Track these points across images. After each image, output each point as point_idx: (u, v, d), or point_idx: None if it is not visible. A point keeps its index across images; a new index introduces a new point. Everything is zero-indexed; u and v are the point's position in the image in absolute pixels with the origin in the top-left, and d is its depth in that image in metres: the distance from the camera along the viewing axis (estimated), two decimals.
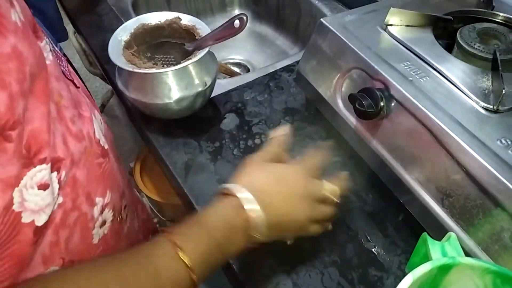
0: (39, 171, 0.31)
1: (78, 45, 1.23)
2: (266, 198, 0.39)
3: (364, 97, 0.46)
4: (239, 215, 0.38)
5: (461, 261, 0.32)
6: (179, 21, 0.60)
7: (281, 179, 0.42)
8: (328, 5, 0.86)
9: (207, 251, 0.36)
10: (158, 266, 0.34)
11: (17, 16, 0.29)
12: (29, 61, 0.29)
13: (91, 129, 0.40)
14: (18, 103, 0.28)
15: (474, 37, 0.50)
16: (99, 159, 0.40)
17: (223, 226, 0.38)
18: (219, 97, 0.66)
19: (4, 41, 0.27)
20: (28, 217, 0.30)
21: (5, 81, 0.27)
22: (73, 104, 0.38)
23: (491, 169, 0.37)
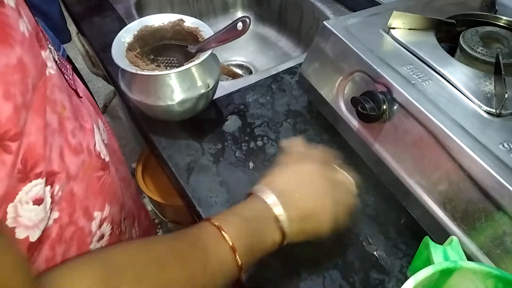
0: (35, 186, 0.30)
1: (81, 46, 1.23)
2: (289, 200, 0.40)
3: (366, 100, 0.46)
4: (270, 217, 0.39)
5: (463, 265, 0.32)
6: (182, 23, 0.60)
7: (298, 179, 0.42)
8: (331, 8, 0.86)
9: (248, 237, 0.37)
10: (207, 246, 0.34)
11: (25, 26, 0.29)
12: (32, 73, 0.29)
13: (91, 141, 0.39)
14: (21, 114, 0.28)
15: (477, 41, 0.50)
16: (98, 172, 0.40)
17: (257, 217, 0.38)
18: (222, 99, 0.67)
19: (11, 52, 0.27)
20: (22, 232, 0.30)
21: (11, 93, 0.26)
22: (75, 115, 0.37)
23: (494, 173, 0.37)
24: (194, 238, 0.35)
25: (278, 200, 0.39)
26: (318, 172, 0.42)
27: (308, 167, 0.43)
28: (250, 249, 0.37)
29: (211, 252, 0.34)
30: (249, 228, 0.37)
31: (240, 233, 0.36)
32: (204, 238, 0.35)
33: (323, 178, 0.42)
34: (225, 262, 0.35)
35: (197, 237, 0.35)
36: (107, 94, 1.84)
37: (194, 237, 0.35)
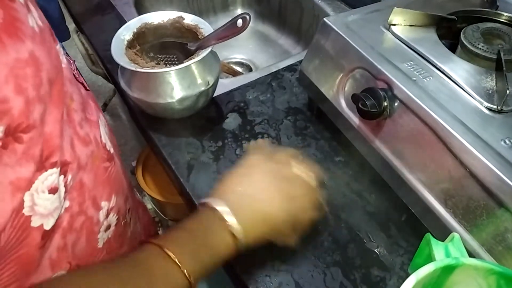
0: (50, 175, 0.31)
1: (80, 44, 1.23)
2: (239, 207, 0.39)
3: (367, 97, 0.46)
4: (222, 226, 0.38)
5: (465, 262, 0.32)
6: (182, 20, 0.60)
7: (248, 183, 0.41)
8: (331, 5, 0.86)
9: (194, 249, 0.36)
10: (152, 267, 0.34)
11: (34, 21, 0.30)
12: (46, 67, 0.29)
13: (97, 133, 0.40)
14: (34, 107, 0.28)
15: (478, 37, 0.49)
16: (105, 163, 0.40)
17: (205, 227, 0.38)
18: (222, 97, 0.66)
19: (21, 46, 0.27)
20: (37, 221, 0.30)
21: (22, 86, 0.27)
22: (82, 107, 0.38)
23: (495, 169, 0.37)
24: (137, 262, 0.34)
25: (228, 207, 0.38)
26: (270, 172, 0.42)
27: (260, 169, 0.43)
28: (199, 260, 0.36)
29: (156, 271, 0.34)
30: (194, 240, 0.37)
31: (185, 247, 0.36)
32: (147, 259, 0.34)
33: (275, 176, 0.42)
34: (172, 279, 0.34)
35: (139, 259, 0.35)
36: (107, 92, 1.84)
37: (137, 260, 0.34)
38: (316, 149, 0.59)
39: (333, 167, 0.56)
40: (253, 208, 0.40)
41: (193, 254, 0.36)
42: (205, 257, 0.37)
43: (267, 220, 0.40)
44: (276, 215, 0.40)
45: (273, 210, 0.40)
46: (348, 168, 0.56)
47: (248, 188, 0.41)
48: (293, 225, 0.41)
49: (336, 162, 0.57)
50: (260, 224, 0.40)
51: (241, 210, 0.39)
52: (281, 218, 0.41)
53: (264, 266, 0.46)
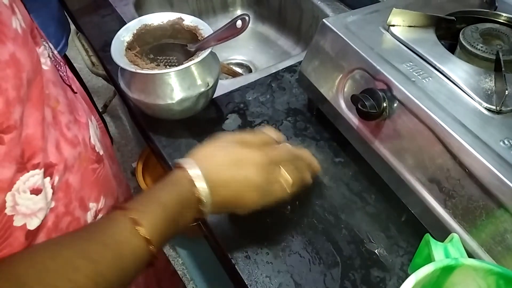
0: (32, 176, 0.31)
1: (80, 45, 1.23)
2: (216, 178, 0.39)
3: (366, 98, 0.46)
4: (190, 190, 0.38)
5: (464, 262, 0.32)
6: (182, 21, 0.60)
7: (237, 163, 0.41)
8: (330, 6, 0.86)
9: (163, 224, 0.36)
10: (119, 242, 0.33)
11: (18, 23, 0.30)
12: (27, 68, 0.30)
13: (86, 134, 0.40)
14: (14, 108, 0.28)
15: (477, 38, 0.50)
16: (93, 164, 0.41)
17: (176, 200, 0.38)
18: (221, 98, 0.66)
19: (3, 48, 0.27)
20: (19, 220, 0.30)
21: (2, 87, 0.27)
22: (70, 109, 0.38)
23: (494, 170, 0.37)
24: (105, 235, 0.33)
25: (202, 173, 0.38)
26: (256, 160, 0.42)
27: (250, 152, 0.42)
28: (165, 234, 0.36)
29: (122, 246, 0.33)
30: (167, 216, 0.36)
31: (157, 225, 0.35)
32: (115, 233, 0.34)
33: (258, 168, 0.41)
34: (138, 254, 0.34)
35: (109, 232, 0.34)
36: (107, 93, 1.85)
37: (106, 233, 0.34)
38: (315, 150, 0.59)
39: (332, 167, 0.56)
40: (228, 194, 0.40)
41: (163, 229, 0.36)
42: (172, 231, 0.37)
43: (236, 202, 0.41)
44: (244, 209, 0.42)
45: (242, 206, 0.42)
46: (348, 168, 0.56)
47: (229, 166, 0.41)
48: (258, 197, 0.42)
49: (335, 162, 0.57)
50: (228, 204, 0.41)
51: (217, 186, 0.39)
52: (250, 203, 0.42)
53: (265, 267, 0.46)
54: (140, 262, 0.34)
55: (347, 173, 0.56)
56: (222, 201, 0.40)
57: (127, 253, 0.33)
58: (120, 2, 0.88)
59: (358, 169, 0.56)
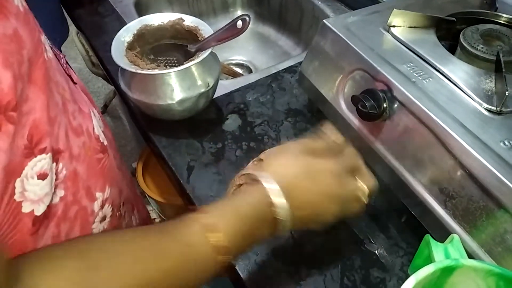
0: (39, 161, 0.31)
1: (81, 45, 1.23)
2: (294, 193, 0.37)
3: (366, 99, 0.46)
4: (267, 204, 0.36)
5: (464, 263, 0.32)
6: (182, 22, 0.60)
7: (312, 175, 0.39)
8: (331, 6, 0.86)
9: (240, 238, 0.35)
10: (191, 244, 0.33)
11: (18, 1, 0.30)
12: (27, 46, 0.30)
13: (90, 124, 0.40)
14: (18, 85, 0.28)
15: (477, 39, 0.50)
16: (98, 154, 0.41)
17: (252, 213, 0.36)
18: (222, 98, 0.66)
19: (7, 23, 0.28)
20: (28, 207, 0.31)
21: (9, 61, 0.27)
22: (73, 98, 0.38)
23: (494, 170, 0.37)
24: (179, 234, 0.33)
25: (281, 189, 0.36)
26: (332, 171, 0.39)
27: (324, 163, 0.40)
28: (241, 244, 0.35)
29: (195, 252, 0.33)
30: (244, 227, 0.35)
31: (232, 235, 0.34)
32: (189, 235, 0.33)
33: (335, 178, 0.39)
34: (208, 262, 0.33)
35: (183, 233, 0.33)
36: (107, 94, 1.85)
37: (180, 233, 0.33)
38: None
39: None
40: (307, 208, 0.38)
41: (237, 243, 0.35)
42: (246, 247, 0.37)
43: (313, 219, 0.40)
44: (324, 218, 0.40)
45: (322, 214, 0.40)
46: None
47: (306, 180, 0.39)
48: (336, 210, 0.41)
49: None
50: (304, 220, 0.39)
51: (294, 199, 0.37)
52: (325, 221, 0.40)
53: (265, 267, 0.46)
54: (209, 268, 0.33)
55: None
56: (301, 216, 0.38)
57: (197, 257, 0.33)
58: (121, 3, 0.88)
59: None
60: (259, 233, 0.37)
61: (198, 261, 0.33)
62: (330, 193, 0.39)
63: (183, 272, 0.32)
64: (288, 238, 0.49)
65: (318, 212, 0.39)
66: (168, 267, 0.31)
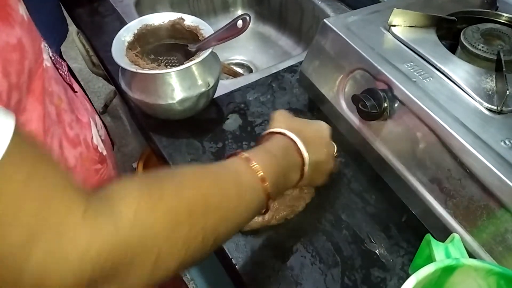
0: None
1: (81, 45, 1.23)
2: (307, 142, 0.43)
3: (367, 98, 0.46)
4: (294, 149, 0.42)
5: (465, 262, 0.32)
6: (182, 21, 0.60)
7: (321, 136, 0.47)
8: (331, 6, 0.86)
9: (276, 172, 0.39)
10: (240, 173, 0.36)
11: (24, 10, 0.30)
12: (29, 56, 0.30)
13: (88, 134, 0.40)
14: (12, 94, 0.28)
15: (478, 38, 0.50)
16: (96, 165, 0.40)
17: (282, 153, 0.41)
18: (222, 98, 0.66)
19: (11, 32, 0.28)
20: None
21: (7, 70, 0.27)
22: (71, 108, 0.38)
23: (495, 170, 0.37)
24: (227, 165, 0.37)
25: (303, 144, 0.43)
26: (325, 131, 0.48)
27: (318, 124, 0.48)
28: (276, 183, 0.39)
29: (243, 178, 0.36)
30: (278, 165, 0.39)
31: (269, 168, 0.38)
32: (236, 166, 0.37)
33: (326, 137, 0.47)
34: (255, 189, 0.36)
35: (229, 165, 0.37)
36: (107, 94, 1.85)
37: (227, 164, 0.37)
38: None
39: None
40: (318, 155, 0.45)
41: (274, 176, 0.38)
42: (281, 184, 0.40)
43: (319, 172, 0.47)
44: (326, 170, 0.48)
45: (325, 165, 0.48)
46: (349, 168, 0.56)
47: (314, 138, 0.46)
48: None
49: (336, 162, 0.57)
50: (315, 172, 0.45)
51: (311, 153, 0.44)
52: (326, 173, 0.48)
53: (265, 267, 0.46)
54: (256, 196, 0.36)
55: (348, 173, 0.56)
56: (315, 162, 0.44)
57: (246, 182, 0.36)
58: (121, 2, 0.88)
59: (358, 169, 0.56)
60: (290, 176, 0.42)
61: (247, 186, 0.36)
62: (331, 151, 0.48)
63: (238, 196, 0.35)
64: (288, 238, 0.49)
65: (324, 164, 0.47)
66: (225, 191, 0.34)
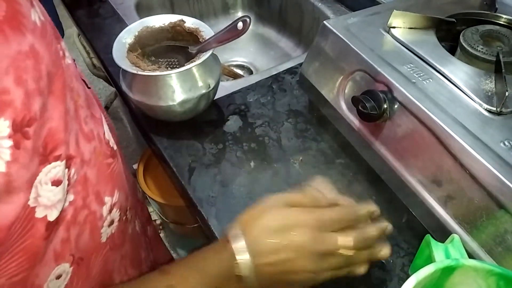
0: (54, 168, 0.31)
1: (82, 47, 1.23)
2: (261, 245, 0.37)
3: (367, 99, 0.46)
4: (231, 262, 0.36)
5: (465, 263, 0.32)
6: (183, 23, 0.61)
7: (284, 226, 0.37)
8: (331, 8, 0.86)
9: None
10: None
11: (36, 16, 0.30)
12: (45, 60, 0.30)
13: (101, 130, 0.41)
14: (34, 100, 0.28)
15: (477, 39, 0.50)
16: (108, 159, 0.41)
17: (217, 272, 0.37)
18: (223, 99, 0.67)
19: (23, 39, 0.28)
20: (41, 212, 0.31)
21: (22, 78, 0.27)
22: (87, 104, 0.39)
23: (494, 171, 0.37)
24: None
25: (246, 242, 0.36)
26: (308, 224, 0.38)
27: (301, 215, 0.38)
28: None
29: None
30: (207, 286, 0.37)
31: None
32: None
33: (310, 233, 0.37)
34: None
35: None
36: (108, 95, 1.85)
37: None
38: (316, 151, 0.59)
39: (333, 169, 0.57)
40: (276, 264, 0.37)
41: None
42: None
43: (287, 270, 0.38)
44: (298, 271, 0.38)
45: (294, 276, 0.38)
46: (349, 170, 0.56)
47: (279, 230, 0.37)
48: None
49: (336, 164, 0.57)
50: (278, 274, 0.38)
51: (262, 256, 0.37)
52: (303, 277, 0.38)
53: None
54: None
55: (348, 174, 0.56)
56: (269, 272, 0.37)
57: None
58: (122, 4, 0.88)
59: (358, 170, 0.56)
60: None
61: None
62: (301, 246, 0.37)
63: None
64: None
65: (288, 270, 0.37)
66: None
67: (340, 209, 0.40)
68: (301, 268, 0.37)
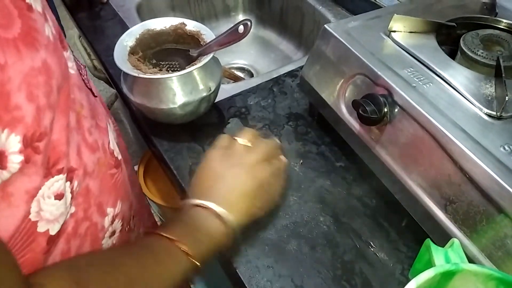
0: (56, 181, 0.31)
1: (83, 49, 1.24)
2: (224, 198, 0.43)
3: (367, 103, 0.46)
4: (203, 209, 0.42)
5: (465, 267, 0.32)
6: (184, 26, 0.61)
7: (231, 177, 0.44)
8: (332, 11, 0.87)
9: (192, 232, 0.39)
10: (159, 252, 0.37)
11: (49, 30, 0.30)
12: (56, 75, 0.30)
13: (106, 139, 0.40)
14: (45, 115, 0.28)
15: (477, 44, 0.50)
16: (112, 169, 0.41)
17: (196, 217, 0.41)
18: (223, 102, 0.67)
19: (36, 55, 0.28)
20: (43, 226, 0.31)
21: (33, 94, 0.27)
22: (92, 114, 0.38)
23: (494, 175, 0.37)
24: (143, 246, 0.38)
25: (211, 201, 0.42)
26: (244, 167, 0.45)
27: (237, 163, 0.46)
28: (199, 241, 0.39)
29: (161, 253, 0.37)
30: (190, 226, 0.40)
31: (182, 231, 0.39)
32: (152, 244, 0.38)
33: (248, 172, 0.45)
34: (176, 257, 0.37)
35: (145, 244, 0.38)
36: (108, 97, 1.85)
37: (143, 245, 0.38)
38: (317, 155, 0.59)
39: (333, 172, 0.57)
40: (231, 193, 0.44)
41: (191, 237, 0.39)
42: (203, 239, 0.40)
43: (243, 197, 0.44)
44: (258, 200, 0.45)
45: (253, 197, 0.45)
46: (349, 173, 0.56)
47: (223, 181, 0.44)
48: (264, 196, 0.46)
49: (336, 167, 0.57)
50: (240, 204, 0.43)
51: (223, 198, 0.43)
52: (263, 203, 0.46)
53: (266, 271, 0.46)
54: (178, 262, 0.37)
55: (348, 178, 0.56)
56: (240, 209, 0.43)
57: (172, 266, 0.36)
58: (123, 7, 0.89)
59: (359, 173, 0.56)
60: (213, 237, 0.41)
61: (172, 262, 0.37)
62: (249, 186, 0.44)
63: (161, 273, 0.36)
64: (289, 242, 0.49)
65: (250, 203, 0.44)
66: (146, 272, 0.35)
67: (263, 146, 0.49)
68: (257, 197, 0.45)
